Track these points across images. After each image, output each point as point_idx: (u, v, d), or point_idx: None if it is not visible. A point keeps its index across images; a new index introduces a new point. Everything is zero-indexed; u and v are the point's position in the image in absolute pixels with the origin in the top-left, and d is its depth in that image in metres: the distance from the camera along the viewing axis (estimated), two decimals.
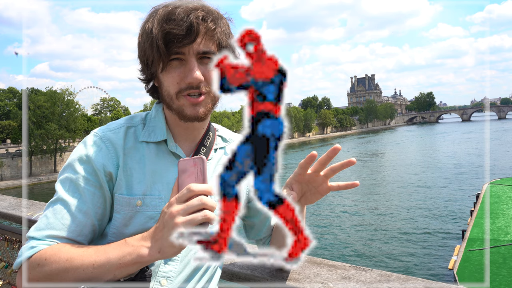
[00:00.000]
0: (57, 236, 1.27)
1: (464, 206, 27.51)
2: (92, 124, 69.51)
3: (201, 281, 1.48)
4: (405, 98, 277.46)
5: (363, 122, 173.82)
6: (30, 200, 3.26)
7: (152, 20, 1.32)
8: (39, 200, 3.25)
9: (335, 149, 1.32)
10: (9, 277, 3.03)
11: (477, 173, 40.04)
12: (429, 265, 18.18)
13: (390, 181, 41.28)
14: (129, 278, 1.20)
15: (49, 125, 58.82)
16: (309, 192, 1.42)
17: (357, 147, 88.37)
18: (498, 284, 13.81)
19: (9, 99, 77.87)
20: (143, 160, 1.39)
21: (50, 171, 62.31)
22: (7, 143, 64.27)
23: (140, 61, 1.41)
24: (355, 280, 1.55)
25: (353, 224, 26.02)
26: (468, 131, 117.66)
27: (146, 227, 1.28)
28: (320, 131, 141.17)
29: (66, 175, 1.35)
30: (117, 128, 1.43)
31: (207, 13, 1.31)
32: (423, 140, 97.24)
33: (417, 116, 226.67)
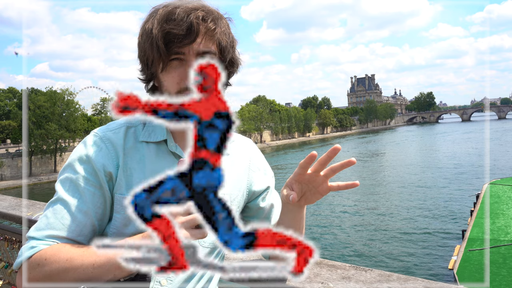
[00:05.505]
0: (57, 236, 1.26)
1: (464, 206, 27.50)
2: (92, 124, 69.45)
3: (201, 281, 1.48)
4: (405, 98, 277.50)
5: (363, 122, 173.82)
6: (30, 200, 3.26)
7: (152, 20, 1.32)
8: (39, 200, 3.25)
9: (335, 149, 1.32)
10: (9, 277, 3.03)
11: (477, 173, 40.03)
12: (429, 265, 18.18)
13: (390, 181, 41.27)
14: (129, 278, 1.20)
15: (49, 125, 58.81)
16: (309, 192, 1.41)
17: (357, 147, 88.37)
18: (498, 284, 13.80)
19: (9, 99, 77.83)
20: (143, 160, 1.39)
21: (50, 171, 62.30)
22: (7, 143, 64.25)
23: (140, 61, 1.41)
24: (355, 280, 1.55)
25: (353, 224, 26.01)
26: (468, 131, 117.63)
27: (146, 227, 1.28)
28: (320, 131, 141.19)
29: (66, 175, 1.35)
30: (117, 128, 1.43)
31: (207, 13, 1.31)
32: (423, 140, 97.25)
33: (417, 116, 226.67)
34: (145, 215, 0.62)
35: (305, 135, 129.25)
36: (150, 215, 0.62)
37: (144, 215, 0.62)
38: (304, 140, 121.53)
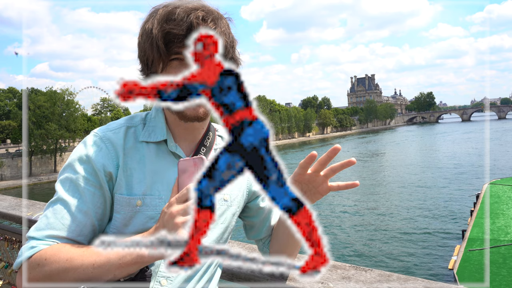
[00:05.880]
0: (57, 236, 1.27)
1: (464, 206, 27.50)
2: (92, 124, 69.48)
3: (201, 281, 1.48)
4: (405, 98, 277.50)
5: (363, 122, 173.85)
6: (30, 200, 3.26)
7: (152, 20, 1.32)
8: (39, 200, 3.25)
9: (335, 149, 1.32)
10: (9, 277, 3.03)
11: (477, 173, 40.03)
12: (429, 265, 18.18)
13: (390, 181, 41.27)
14: (129, 278, 1.21)
15: (49, 125, 58.81)
16: (309, 192, 1.41)
17: (357, 147, 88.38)
18: (498, 284, 13.81)
19: (9, 99, 77.80)
20: (143, 160, 1.39)
21: (50, 171, 62.30)
22: (7, 143, 64.27)
23: (140, 61, 1.41)
24: (355, 280, 1.56)
25: (353, 224, 26.01)
26: (468, 131, 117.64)
27: (146, 227, 1.28)
28: (320, 131, 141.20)
29: (66, 175, 1.35)
30: (117, 128, 1.43)
31: (207, 13, 1.31)
32: (423, 140, 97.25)
33: (417, 116, 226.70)
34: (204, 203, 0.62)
35: (305, 135, 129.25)
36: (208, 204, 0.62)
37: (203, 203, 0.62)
38: (304, 140, 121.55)
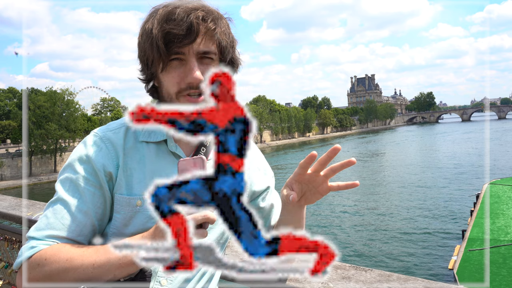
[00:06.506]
0: (57, 236, 1.27)
1: (464, 206, 27.50)
2: (92, 124, 69.49)
3: (201, 281, 1.48)
4: (405, 98, 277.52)
5: (363, 122, 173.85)
6: (30, 200, 3.26)
7: (152, 20, 1.32)
8: (39, 200, 3.25)
9: (335, 149, 1.32)
10: (9, 277, 3.03)
11: (477, 173, 40.03)
12: (429, 265, 18.18)
13: (390, 181, 41.27)
14: (129, 278, 1.21)
15: (49, 125, 58.82)
16: (309, 192, 1.41)
17: (357, 147, 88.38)
18: (498, 284, 13.81)
19: (9, 99, 77.82)
20: (143, 160, 1.39)
21: (50, 171, 62.30)
22: (7, 143, 64.27)
23: (140, 61, 1.41)
24: (355, 280, 1.56)
25: (353, 224, 26.01)
26: (468, 131, 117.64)
27: (146, 227, 1.28)
28: (320, 131, 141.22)
29: (66, 175, 1.35)
30: (117, 128, 1.43)
31: (207, 13, 1.31)
32: (423, 140, 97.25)
33: (417, 116, 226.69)
34: (162, 209, 0.62)
35: (305, 135, 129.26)
36: (167, 211, 0.62)
37: (161, 209, 0.62)
38: (304, 140, 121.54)
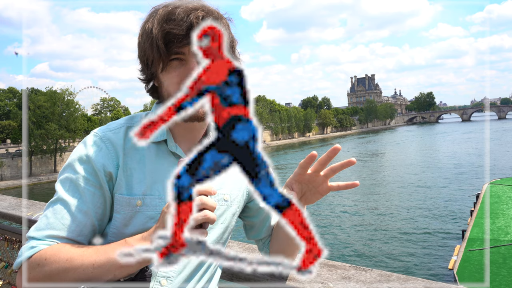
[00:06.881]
0: (57, 236, 1.27)
1: (464, 206, 27.50)
2: (92, 124, 69.52)
3: (201, 281, 1.48)
4: (405, 98, 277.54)
5: (363, 122, 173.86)
6: (30, 200, 3.26)
7: (152, 20, 1.32)
8: (39, 200, 3.25)
9: (335, 149, 1.32)
10: (9, 277, 3.03)
11: (477, 173, 40.03)
12: (429, 265, 18.18)
13: (390, 181, 41.27)
14: (129, 278, 1.21)
15: (49, 125, 58.84)
16: (309, 192, 1.42)
17: (357, 147, 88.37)
18: (498, 284, 13.81)
19: (9, 99, 77.82)
20: (143, 160, 1.39)
21: (50, 171, 62.32)
22: (7, 143, 64.28)
23: (140, 61, 1.41)
24: (355, 280, 1.56)
25: (353, 224, 26.01)
26: (468, 131, 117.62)
27: (146, 227, 1.28)
28: (320, 131, 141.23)
29: (66, 175, 1.35)
30: (117, 128, 1.43)
31: (207, 13, 1.31)
32: (423, 140, 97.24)
33: (417, 116, 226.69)
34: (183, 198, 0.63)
35: (305, 135, 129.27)
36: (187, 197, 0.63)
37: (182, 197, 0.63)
38: (304, 140, 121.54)
